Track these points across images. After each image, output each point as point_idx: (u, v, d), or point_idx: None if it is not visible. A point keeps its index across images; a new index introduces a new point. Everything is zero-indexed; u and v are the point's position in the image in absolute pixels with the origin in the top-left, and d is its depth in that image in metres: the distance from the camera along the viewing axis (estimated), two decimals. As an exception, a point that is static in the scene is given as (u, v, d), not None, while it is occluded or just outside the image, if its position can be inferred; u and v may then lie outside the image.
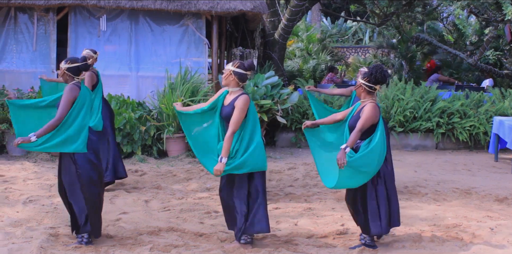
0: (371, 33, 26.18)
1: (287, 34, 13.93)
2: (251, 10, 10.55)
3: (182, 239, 5.44)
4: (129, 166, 9.04)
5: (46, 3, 10.23)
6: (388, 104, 11.40)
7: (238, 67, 5.16)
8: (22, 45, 10.72)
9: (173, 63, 10.79)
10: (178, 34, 10.99)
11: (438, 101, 11.48)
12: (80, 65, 5.31)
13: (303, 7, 13.53)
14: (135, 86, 10.85)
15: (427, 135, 11.41)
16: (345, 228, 5.91)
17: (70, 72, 5.28)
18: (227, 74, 5.18)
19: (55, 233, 5.53)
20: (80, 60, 5.34)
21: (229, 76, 5.17)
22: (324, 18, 27.13)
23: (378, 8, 16.77)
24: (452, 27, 19.88)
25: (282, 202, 7.09)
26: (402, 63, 18.35)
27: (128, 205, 6.73)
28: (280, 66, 13.85)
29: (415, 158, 10.41)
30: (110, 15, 10.78)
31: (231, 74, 5.16)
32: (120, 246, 5.22)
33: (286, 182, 8.21)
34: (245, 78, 5.20)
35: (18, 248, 5.02)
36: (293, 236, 5.64)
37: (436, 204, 7.09)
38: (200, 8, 10.47)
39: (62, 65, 5.32)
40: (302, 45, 20.22)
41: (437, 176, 8.87)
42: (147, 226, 5.88)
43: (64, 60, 5.36)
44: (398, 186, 7.96)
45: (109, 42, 10.88)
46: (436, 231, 5.88)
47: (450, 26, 20.33)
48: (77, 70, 5.30)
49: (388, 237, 5.64)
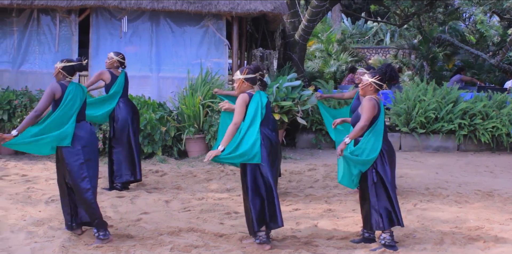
0: (392, 33, 26.04)
1: (307, 35, 13.90)
2: (272, 11, 10.54)
3: (202, 240, 5.45)
4: (150, 166, 9.10)
5: (68, 5, 10.33)
6: (409, 106, 11.33)
7: (247, 73, 5.37)
8: (44, 47, 10.83)
9: (193, 64, 10.83)
10: (198, 35, 11.03)
11: (460, 102, 11.37)
12: (75, 65, 5.49)
13: (324, 8, 13.49)
14: (156, 87, 10.91)
15: (449, 136, 11.31)
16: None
17: (65, 71, 5.44)
18: (240, 83, 5.38)
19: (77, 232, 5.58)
20: (76, 61, 5.53)
21: (242, 84, 5.38)
22: (344, 18, 27.05)
23: (399, 8, 16.68)
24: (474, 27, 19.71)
25: (302, 203, 7.08)
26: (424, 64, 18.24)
27: (148, 205, 6.76)
28: (300, 67, 13.83)
29: (436, 160, 10.33)
30: (131, 16, 10.85)
31: (244, 82, 5.37)
32: (140, 246, 5.25)
33: (306, 183, 8.19)
34: (256, 81, 5.41)
35: (40, 247, 5.08)
36: (313, 237, 5.63)
37: (458, 206, 7.03)
38: (221, 9, 10.49)
39: (57, 65, 5.48)
40: (322, 46, 20.17)
41: (458, 177, 8.79)
42: (168, 226, 5.91)
43: (60, 60, 5.55)
44: (419, 188, 7.92)
45: (130, 43, 10.95)
46: (457, 233, 5.82)
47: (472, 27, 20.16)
48: (72, 70, 5.48)
49: (409, 239, 5.60)
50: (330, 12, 23.46)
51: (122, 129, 7.57)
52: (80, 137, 5.35)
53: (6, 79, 10.69)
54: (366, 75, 5.44)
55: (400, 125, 11.28)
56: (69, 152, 5.29)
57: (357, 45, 24.00)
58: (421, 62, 18.32)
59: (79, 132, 5.37)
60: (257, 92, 5.39)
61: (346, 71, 17.90)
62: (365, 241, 5.45)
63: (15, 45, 10.81)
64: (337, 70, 18.57)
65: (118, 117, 7.56)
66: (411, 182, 8.38)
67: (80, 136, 5.36)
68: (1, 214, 6.12)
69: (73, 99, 5.36)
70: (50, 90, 5.34)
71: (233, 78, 5.49)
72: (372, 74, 5.41)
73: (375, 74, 5.38)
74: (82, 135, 5.37)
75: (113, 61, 7.63)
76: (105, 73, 7.57)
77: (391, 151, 5.45)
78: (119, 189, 7.50)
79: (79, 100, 5.44)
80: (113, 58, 7.63)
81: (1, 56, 10.83)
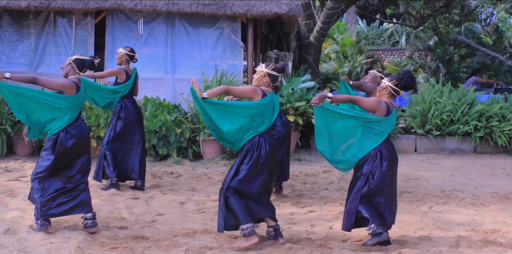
0: (407, 35, 25.91)
1: (322, 36, 13.87)
2: (287, 12, 10.54)
3: (217, 241, 5.46)
4: (165, 168, 9.14)
5: (84, 7, 10.40)
6: (425, 108, 11.27)
7: (272, 69, 5.38)
8: (61, 49, 10.91)
9: (208, 66, 10.85)
10: (213, 37, 11.05)
11: (476, 104, 11.29)
12: (86, 60, 5.65)
13: (339, 10, 13.46)
14: (171, 89, 10.94)
15: (465, 139, 11.23)
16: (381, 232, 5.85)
17: (76, 64, 5.59)
18: (261, 76, 5.37)
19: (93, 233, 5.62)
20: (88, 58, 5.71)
21: (262, 77, 5.37)
22: (360, 20, 26.96)
23: (415, 10, 16.59)
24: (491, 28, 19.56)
25: (317, 205, 7.07)
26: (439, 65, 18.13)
27: (163, 207, 6.79)
28: (315, 69, 13.80)
29: (452, 162, 10.26)
30: (146, 18, 10.90)
31: (265, 76, 5.36)
32: (155, 247, 5.27)
33: (321, 185, 8.17)
34: (276, 80, 5.42)
35: (56, 248, 5.11)
36: (328, 240, 5.62)
37: (474, 208, 6.98)
38: (236, 11, 10.51)
39: (70, 58, 5.65)
40: (337, 47, 20.12)
41: (475, 180, 8.73)
42: (182, 227, 5.92)
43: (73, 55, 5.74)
44: (434, 190, 7.88)
45: (146, 45, 11.00)
46: (474, 236, 5.78)
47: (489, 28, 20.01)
48: (82, 64, 5.62)
49: (424, 242, 5.57)
50: (346, 14, 23.42)
51: (128, 129, 7.62)
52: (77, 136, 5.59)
53: (23, 81, 10.78)
54: (385, 79, 5.45)
55: (416, 127, 11.22)
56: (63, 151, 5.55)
57: (372, 46, 23.91)
58: (437, 64, 18.21)
59: (77, 132, 5.60)
60: (271, 94, 5.40)
61: (362, 73, 17.84)
62: (380, 244, 5.40)
63: (32, 47, 10.91)
64: (352, 71, 18.51)
65: (123, 117, 7.60)
66: (427, 184, 8.34)
67: (77, 135, 5.59)
68: (18, 214, 6.17)
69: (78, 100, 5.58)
70: (63, 84, 5.50)
71: (256, 69, 5.49)
72: (390, 78, 5.43)
73: (393, 79, 5.38)
74: (79, 134, 5.61)
75: (121, 56, 7.68)
76: (122, 73, 7.59)
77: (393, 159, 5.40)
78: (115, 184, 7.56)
79: (83, 102, 5.72)
80: (121, 53, 7.68)
81: (18, 58, 10.93)
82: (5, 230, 5.58)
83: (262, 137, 5.30)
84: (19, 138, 9.70)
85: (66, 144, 5.54)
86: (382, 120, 5.28)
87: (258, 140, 5.29)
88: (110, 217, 6.28)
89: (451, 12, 17.72)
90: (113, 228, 5.85)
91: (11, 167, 8.98)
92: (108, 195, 7.22)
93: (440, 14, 17.19)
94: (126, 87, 7.62)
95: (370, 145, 5.30)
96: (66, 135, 5.56)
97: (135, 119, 7.69)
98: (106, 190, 7.44)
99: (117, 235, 5.64)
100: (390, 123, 5.36)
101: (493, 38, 19.39)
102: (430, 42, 19.48)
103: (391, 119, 5.35)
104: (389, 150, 5.35)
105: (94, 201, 6.87)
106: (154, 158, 9.65)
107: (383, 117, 5.28)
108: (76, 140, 5.58)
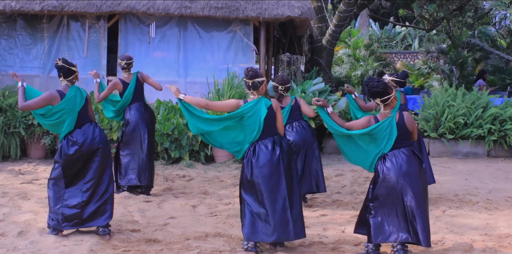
0: (420, 38, 25.84)
1: (334, 40, 13.85)
2: (299, 16, 10.54)
3: (229, 245, 5.45)
4: (177, 171, 9.15)
5: (97, 11, 10.47)
6: (438, 111, 11.21)
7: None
8: (74, 52, 10.98)
9: (220, 69, 10.87)
10: (226, 40, 11.07)
11: (490, 107, 11.22)
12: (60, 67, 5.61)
13: (351, 13, 13.45)
14: (183, 92, 10.89)
15: (478, 142, 11.15)
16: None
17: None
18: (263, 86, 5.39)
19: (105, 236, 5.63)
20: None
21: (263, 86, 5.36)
22: (372, 23, 26.92)
23: (428, 13, 16.53)
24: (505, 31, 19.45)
25: (329, 208, 7.04)
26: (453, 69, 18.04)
27: (175, 210, 6.79)
28: (327, 72, 13.78)
29: (466, 166, 10.20)
30: (159, 22, 10.95)
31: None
32: (167, 250, 5.27)
33: (333, 189, 8.15)
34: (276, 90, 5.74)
35: (69, 250, 5.13)
36: (340, 244, 5.59)
37: (488, 213, 6.92)
38: (248, 14, 10.52)
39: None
40: (349, 51, 20.09)
41: (488, 184, 8.66)
42: (195, 231, 5.92)
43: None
44: (448, 194, 7.83)
45: (158, 48, 11.05)
46: (487, 241, 5.73)
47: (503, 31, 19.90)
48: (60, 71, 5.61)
49: (437, 246, 5.53)
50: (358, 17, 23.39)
51: (132, 134, 7.55)
52: (80, 143, 5.54)
53: (37, 84, 10.84)
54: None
55: (429, 130, 11.16)
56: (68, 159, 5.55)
57: (384, 50, 23.85)
58: (450, 67, 18.12)
59: (79, 138, 5.55)
60: (256, 100, 5.22)
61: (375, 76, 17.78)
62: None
63: (45, 51, 10.99)
64: (365, 74, 18.46)
65: (129, 122, 7.57)
66: (440, 188, 8.28)
67: (80, 142, 5.55)
68: (31, 217, 6.20)
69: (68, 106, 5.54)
70: (47, 98, 5.48)
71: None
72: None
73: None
74: (82, 140, 5.55)
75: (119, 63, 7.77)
76: (118, 84, 7.56)
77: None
78: (127, 190, 7.54)
79: (78, 106, 5.60)
80: (118, 61, 7.78)
81: (32, 61, 11.01)
82: (18, 232, 5.61)
83: (257, 144, 5.16)
84: (33, 141, 9.77)
85: (68, 152, 5.53)
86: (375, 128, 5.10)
87: (254, 148, 5.16)
88: (123, 220, 6.29)
89: (464, 15, 17.64)
90: (125, 231, 5.86)
91: (24, 169, 9.04)
92: (121, 198, 7.24)
93: (453, 17, 17.11)
94: (128, 95, 7.57)
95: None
96: (68, 142, 5.56)
97: (139, 122, 7.55)
98: (118, 193, 7.46)
99: (130, 238, 5.65)
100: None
101: (507, 41, 19.27)
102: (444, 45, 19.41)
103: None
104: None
105: (107, 204, 6.90)
106: (167, 161, 9.67)
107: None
108: (78, 147, 5.52)
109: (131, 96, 7.59)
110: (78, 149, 5.52)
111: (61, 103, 5.50)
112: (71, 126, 5.57)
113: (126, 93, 7.54)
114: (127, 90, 7.54)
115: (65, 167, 5.53)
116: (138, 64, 10.86)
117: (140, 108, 7.67)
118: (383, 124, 5.05)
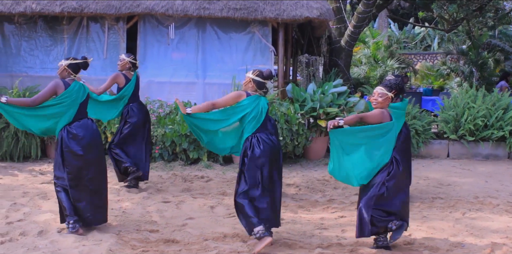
0: (440, 39, 25.64)
1: (353, 41, 13.79)
2: (318, 17, 10.50)
3: (247, 246, 5.45)
4: (195, 172, 9.17)
5: (116, 12, 10.52)
6: (458, 112, 11.12)
7: (257, 75, 5.55)
8: (93, 53, 11.05)
9: (239, 70, 10.86)
10: (244, 41, 11.07)
11: (511, 109, 11.10)
12: (80, 63, 5.77)
13: (370, 14, 13.38)
14: (202, 93, 10.99)
15: (499, 144, 11.04)
16: (412, 238, 5.79)
17: (70, 68, 5.72)
18: (246, 81, 5.58)
19: (124, 236, 5.65)
20: (81, 59, 5.82)
21: (248, 83, 5.56)
22: (391, 24, 26.79)
23: (447, 13, 16.40)
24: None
25: (347, 210, 7.01)
26: (473, 70, 17.89)
27: (194, 211, 6.81)
28: (346, 73, 13.73)
29: (486, 168, 10.10)
30: (178, 23, 10.98)
31: (251, 81, 5.54)
32: (186, 250, 5.28)
33: (351, 190, 8.11)
34: (263, 86, 5.56)
35: (88, 250, 5.16)
36: (359, 245, 5.56)
37: (509, 215, 6.85)
38: (267, 15, 10.51)
39: (62, 62, 5.75)
40: (368, 52, 20.00)
41: (509, 186, 8.57)
42: (213, 231, 5.93)
43: (65, 58, 5.84)
44: (467, 196, 7.76)
45: (177, 50, 11.07)
46: (508, 243, 5.67)
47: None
48: (77, 67, 5.75)
49: (457, 249, 5.49)
50: (377, 18, 23.29)
51: (132, 133, 7.73)
52: (80, 137, 5.61)
53: (57, 85, 10.95)
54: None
55: (449, 132, 11.08)
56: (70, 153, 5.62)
57: (404, 51, 23.70)
58: (470, 68, 17.97)
59: (79, 132, 5.62)
60: (256, 96, 5.52)
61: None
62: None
63: (65, 52, 11.07)
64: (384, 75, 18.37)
65: (129, 121, 7.71)
66: (460, 190, 8.22)
67: (80, 136, 5.62)
68: (51, 217, 6.25)
69: (71, 97, 5.62)
70: (53, 86, 5.62)
71: (246, 75, 5.66)
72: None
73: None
74: (83, 134, 5.62)
75: (125, 63, 7.83)
76: (120, 76, 7.75)
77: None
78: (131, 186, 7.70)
79: (80, 99, 5.68)
80: (125, 60, 7.83)
81: (52, 63, 11.09)
82: (38, 232, 5.66)
83: (254, 137, 5.43)
84: (53, 141, 9.85)
85: (69, 144, 5.61)
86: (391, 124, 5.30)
87: (251, 140, 5.43)
88: (141, 220, 6.32)
89: (484, 16, 17.47)
90: (144, 231, 5.88)
91: (44, 169, 9.12)
92: (139, 198, 7.28)
93: (473, 18, 16.95)
94: (129, 90, 7.73)
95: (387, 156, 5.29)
96: (68, 135, 5.63)
97: (142, 124, 7.83)
98: (136, 194, 7.53)
99: (148, 238, 5.67)
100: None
101: (528, 41, 19.08)
102: (463, 46, 19.26)
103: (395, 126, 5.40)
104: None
105: (126, 204, 6.95)
106: (185, 162, 9.70)
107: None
108: (79, 139, 5.63)
109: (132, 90, 7.75)
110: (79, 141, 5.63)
111: (66, 92, 5.63)
112: (70, 118, 5.67)
113: (128, 85, 7.72)
114: (129, 83, 7.73)
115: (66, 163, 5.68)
116: (157, 65, 10.95)
117: (141, 108, 7.89)
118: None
